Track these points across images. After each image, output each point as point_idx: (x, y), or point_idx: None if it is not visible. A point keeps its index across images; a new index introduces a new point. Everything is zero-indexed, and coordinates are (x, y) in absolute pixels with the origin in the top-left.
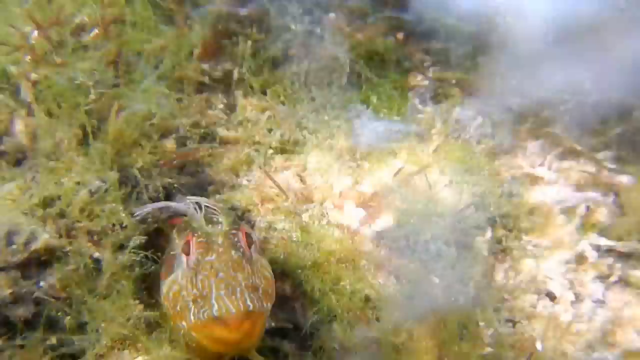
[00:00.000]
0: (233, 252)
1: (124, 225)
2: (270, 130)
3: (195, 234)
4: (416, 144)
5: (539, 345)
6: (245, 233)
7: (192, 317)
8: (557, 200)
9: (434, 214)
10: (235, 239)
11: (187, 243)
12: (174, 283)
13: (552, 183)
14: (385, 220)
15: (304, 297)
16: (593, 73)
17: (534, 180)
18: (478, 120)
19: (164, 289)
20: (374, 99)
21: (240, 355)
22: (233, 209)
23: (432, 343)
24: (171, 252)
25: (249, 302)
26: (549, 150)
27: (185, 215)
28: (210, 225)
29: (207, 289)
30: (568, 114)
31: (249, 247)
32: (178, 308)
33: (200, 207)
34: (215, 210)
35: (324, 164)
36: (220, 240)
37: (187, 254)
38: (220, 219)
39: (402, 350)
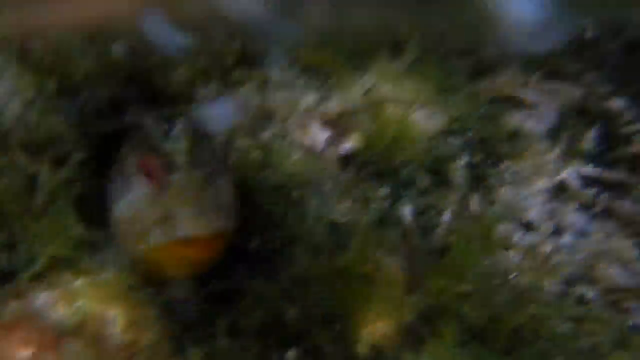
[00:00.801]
0: (198, 169)
1: (64, 138)
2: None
3: (154, 152)
4: (389, 59)
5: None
6: (210, 148)
7: (154, 239)
8: (540, 125)
9: (406, 138)
10: (200, 156)
11: (146, 162)
12: (132, 204)
13: (536, 106)
14: (353, 143)
15: (263, 220)
16: None
17: (516, 102)
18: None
19: (117, 212)
20: None
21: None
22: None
23: (402, 275)
24: (122, 173)
25: (216, 222)
26: (534, 70)
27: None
28: (168, 142)
29: (172, 209)
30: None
31: (214, 163)
32: (137, 230)
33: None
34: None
35: (288, 78)
36: (183, 157)
37: (147, 174)
38: (178, 134)
39: (369, 281)
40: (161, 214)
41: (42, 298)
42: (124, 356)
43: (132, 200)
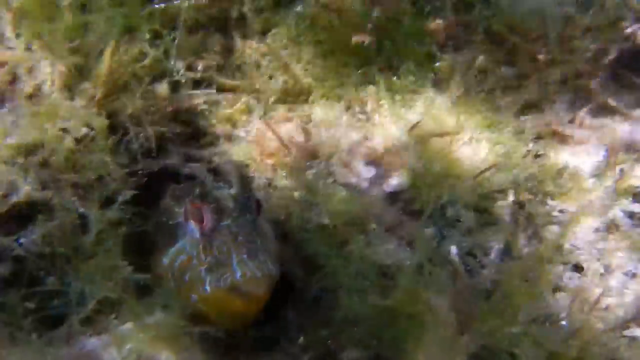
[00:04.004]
0: (248, 215)
1: (112, 177)
2: (271, 77)
3: (204, 200)
4: (434, 95)
5: (563, 322)
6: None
7: (207, 287)
8: (588, 162)
9: (452, 175)
10: (247, 202)
11: (197, 210)
12: (181, 253)
13: (583, 143)
14: (398, 180)
15: (306, 261)
16: None
17: (563, 139)
18: (503, 70)
19: (166, 260)
20: (387, 43)
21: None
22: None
23: (452, 316)
24: (169, 222)
25: (270, 266)
26: (580, 106)
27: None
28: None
29: (225, 255)
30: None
31: (254, 206)
32: (187, 279)
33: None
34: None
35: (331, 116)
36: (231, 204)
37: (198, 221)
38: (222, 183)
39: (417, 322)
40: (213, 261)
41: (93, 342)
42: None
43: (181, 248)
